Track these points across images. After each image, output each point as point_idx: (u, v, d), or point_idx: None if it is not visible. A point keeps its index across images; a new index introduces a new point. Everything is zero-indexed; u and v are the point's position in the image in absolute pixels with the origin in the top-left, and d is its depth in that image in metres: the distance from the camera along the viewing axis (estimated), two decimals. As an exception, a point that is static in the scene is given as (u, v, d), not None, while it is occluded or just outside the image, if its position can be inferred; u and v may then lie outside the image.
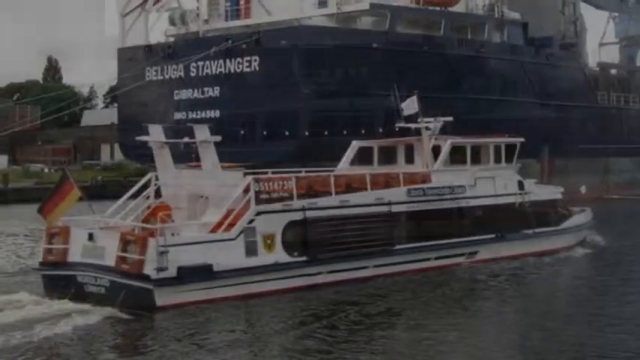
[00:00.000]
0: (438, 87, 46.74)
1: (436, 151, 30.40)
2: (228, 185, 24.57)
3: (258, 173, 25.45)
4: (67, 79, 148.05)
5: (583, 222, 34.96)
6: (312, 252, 25.00)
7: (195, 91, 51.74)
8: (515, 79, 59.25)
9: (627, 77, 78.55)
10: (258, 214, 24.11)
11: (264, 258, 23.96)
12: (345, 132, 36.56)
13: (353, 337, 19.41)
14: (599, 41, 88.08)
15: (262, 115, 46.22)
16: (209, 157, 25.07)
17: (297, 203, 25.10)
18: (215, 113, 49.93)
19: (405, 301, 23.84)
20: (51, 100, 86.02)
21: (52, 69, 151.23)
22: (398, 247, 27.33)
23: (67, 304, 21.69)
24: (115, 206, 25.49)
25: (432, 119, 31.06)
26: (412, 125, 31.00)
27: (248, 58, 49.45)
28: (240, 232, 23.54)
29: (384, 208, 27.27)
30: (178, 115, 50.93)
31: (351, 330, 20.20)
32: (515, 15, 61.14)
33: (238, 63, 49.87)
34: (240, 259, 23.39)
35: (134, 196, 25.86)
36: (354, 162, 31.62)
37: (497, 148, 31.92)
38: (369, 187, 27.24)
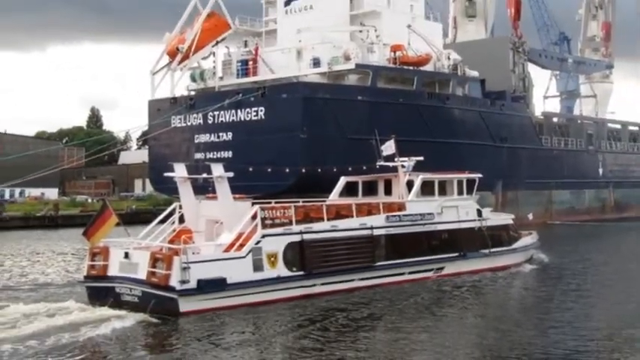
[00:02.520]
0: (412, 132, 46.87)
1: (410, 184, 30.62)
2: (239, 213, 24.73)
3: (263, 203, 25.62)
4: (107, 125, 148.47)
5: (530, 243, 35.08)
6: (308, 267, 25.11)
7: (212, 135, 51.91)
8: (474, 126, 59.46)
9: (566, 124, 78.93)
10: (264, 236, 24.27)
11: (268, 272, 24.07)
12: (335, 169, 36.57)
13: (341, 338, 19.53)
14: (544, 94, 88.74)
15: (267, 155, 46.24)
16: (223, 189, 25.20)
17: (295, 228, 25.28)
18: (228, 154, 50.05)
19: (384, 308, 23.90)
20: (94, 142, 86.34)
21: (95, 117, 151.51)
22: (378, 263, 27.46)
23: (106, 311, 21.88)
24: (146, 230, 25.62)
25: (406, 159, 31.36)
26: (390, 163, 31.26)
27: (255, 109, 49.71)
28: (249, 252, 23.67)
29: (367, 232, 27.44)
30: (198, 155, 50.99)
31: (340, 332, 20.31)
32: (475, 73, 61.52)
33: (247, 112, 50.12)
34: (248, 274, 23.50)
35: (162, 221, 26.01)
36: (342, 194, 31.74)
37: (459, 183, 32.14)
38: (354, 214, 27.41)
